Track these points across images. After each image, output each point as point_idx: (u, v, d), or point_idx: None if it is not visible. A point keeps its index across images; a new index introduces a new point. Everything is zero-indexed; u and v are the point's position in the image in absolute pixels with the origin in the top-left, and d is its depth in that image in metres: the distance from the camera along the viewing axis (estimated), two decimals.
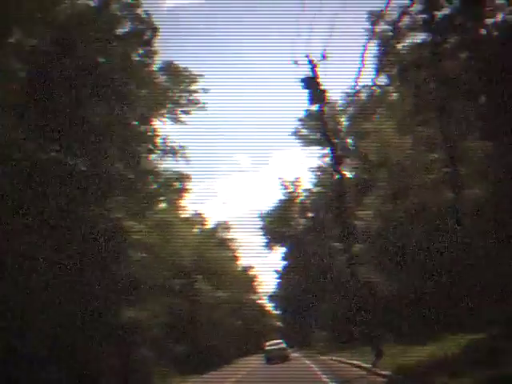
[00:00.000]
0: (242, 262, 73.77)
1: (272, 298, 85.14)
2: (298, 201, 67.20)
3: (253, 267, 79.41)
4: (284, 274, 73.72)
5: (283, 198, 67.73)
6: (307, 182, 63.89)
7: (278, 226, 67.59)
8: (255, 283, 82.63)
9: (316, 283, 48.58)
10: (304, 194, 65.56)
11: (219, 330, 45.64)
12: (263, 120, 78.27)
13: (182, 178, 47.25)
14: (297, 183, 66.98)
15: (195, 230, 48.68)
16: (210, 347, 41.96)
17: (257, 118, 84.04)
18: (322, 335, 42.79)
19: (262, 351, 41.96)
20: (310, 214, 64.25)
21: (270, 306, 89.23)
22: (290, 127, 67.94)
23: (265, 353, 38.71)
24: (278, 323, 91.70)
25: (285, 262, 72.00)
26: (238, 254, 67.97)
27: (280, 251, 70.70)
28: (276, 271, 76.65)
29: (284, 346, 38.09)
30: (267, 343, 40.26)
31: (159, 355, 31.53)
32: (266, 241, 68.45)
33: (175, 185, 45.52)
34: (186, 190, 47.13)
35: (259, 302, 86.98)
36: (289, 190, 66.90)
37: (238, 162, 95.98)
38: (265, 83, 79.24)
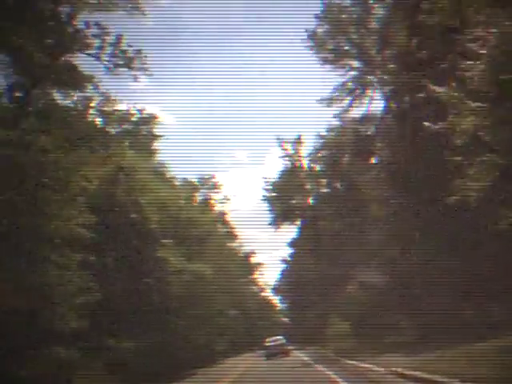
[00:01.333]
0: (243, 247, 61.62)
1: (277, 289, 74.78)
2: (305, 167, 54.68)
3: (254, 253, 66.99)
4: (292, 261, 62.03)
5: (286, 165, 55.09)
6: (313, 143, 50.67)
7: (285, 197, 55.19)
8: (257, 272, 70.66)
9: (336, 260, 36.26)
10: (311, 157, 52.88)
11: (198, 320, 32.93)
12: (262, 116, 68.27)
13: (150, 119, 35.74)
14: (298, 144, 54.30)
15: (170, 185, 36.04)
16: (180, 343, 29.39)
17: (256, 114, 72.15)
18: (343, 329, 29.92)
19: (261, 348, 42.41)
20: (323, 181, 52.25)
21: (274, 300, 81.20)
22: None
23: (264, 349, 38.96)
24: (283, 318, 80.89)
25: (292, 250, 61.53)
26: (234, 230, 55.17)
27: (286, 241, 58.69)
28: (282, 260, 65.71)
29: (284, 341, 38.78)
30: (267, 339, 40.23)
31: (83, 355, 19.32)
32: (272, 217, 55.69)
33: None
34: (155, 136, 35.96)
35: (262, 295, 78.09)
36: (290, 153, 54.14)
37: (237, 158, 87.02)
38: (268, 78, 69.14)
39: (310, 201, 55.21)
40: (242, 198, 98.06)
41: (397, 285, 25.99)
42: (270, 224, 54.49)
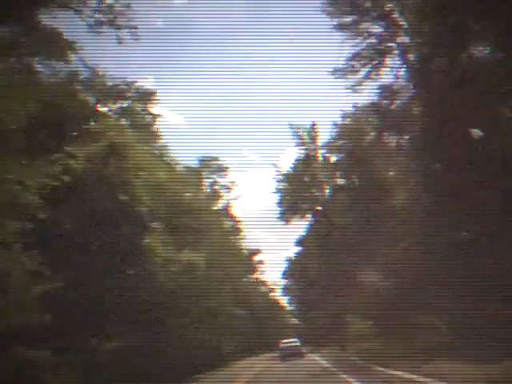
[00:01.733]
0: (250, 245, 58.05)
1: (287, 289, 72.13)
2: (319, 156, 50.97)
3: (260, 251, 63.25)
4: (302, 259, 58.56)
5: (300, 155, 51.31)
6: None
7: (298, 189, 51.50)
8: (264, 272, 67.17)
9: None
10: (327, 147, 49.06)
11: (201, 319, 29.25)
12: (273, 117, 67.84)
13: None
14: (315, 133, 50.53)
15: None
16: (180, 344, 25.73)
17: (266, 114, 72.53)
18: (363, 329, 25.95)
19: (273, 349, 44.59)
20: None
21: (283, 301, 77.49)
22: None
23: (278, 350, 39.69)
24: (293, 319, 78.44)
25: (301, 248, 58.26)
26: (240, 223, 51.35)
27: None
28: (291, 260, 62.56)
29: (298, 343, 39.35)
30: (283, 341, 40.88)
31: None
32: (281, 210, 51.85)
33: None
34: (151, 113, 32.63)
35: (271, 295, 73.99)
36: (304, 141, 50.30)
37: (248, 158, 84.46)
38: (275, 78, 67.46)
39: (325, 193, 51.61)
40: (252, 198, 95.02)
41: (427, 280, 22.31)
42: (279, 218, 51.07)
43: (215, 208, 37.84)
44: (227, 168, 46.22)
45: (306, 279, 56.11)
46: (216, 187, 46.62)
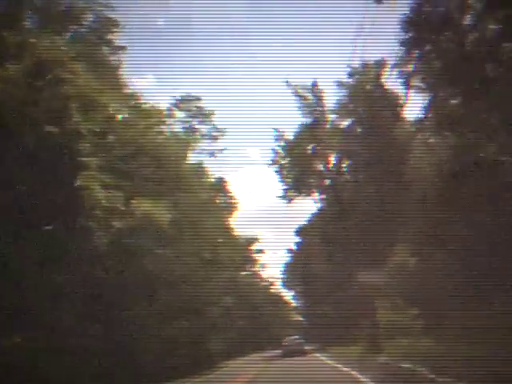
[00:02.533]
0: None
1: (289, 284, 67.05)
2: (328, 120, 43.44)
3: (258, 239, 56.45)
4: (305, 249, 52.02)
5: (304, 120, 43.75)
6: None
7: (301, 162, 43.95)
8: (262, 262, 60.78)
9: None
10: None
11: (178, 309, 21.75)
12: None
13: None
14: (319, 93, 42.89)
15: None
16: (140, 341, 18.29)
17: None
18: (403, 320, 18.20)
19: (275, 348, 44.13)
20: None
21: (287, 297, 73.39)
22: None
23: (280, 349, 39.51)
24: (296, 317, 74.32)
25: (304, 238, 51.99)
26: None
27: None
28: (294, 252, 57.21)
29: (301, 341, 39.36)
30: (286, 339, 40.78)
31: None
32: (283, 188, 44.52)
33: None
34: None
35: (274, 292, 69.49)
36: (307, 102, 42.66)
37: (249, 155, 79.85)
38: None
39: (332, 165, 44.36)
40: (253, 195, 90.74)
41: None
42: (281, 197, 43.92)
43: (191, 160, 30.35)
44: (210, 113, 37.15)
45: (312, 271, 49.51)
46: (196, 133, 37.39)
